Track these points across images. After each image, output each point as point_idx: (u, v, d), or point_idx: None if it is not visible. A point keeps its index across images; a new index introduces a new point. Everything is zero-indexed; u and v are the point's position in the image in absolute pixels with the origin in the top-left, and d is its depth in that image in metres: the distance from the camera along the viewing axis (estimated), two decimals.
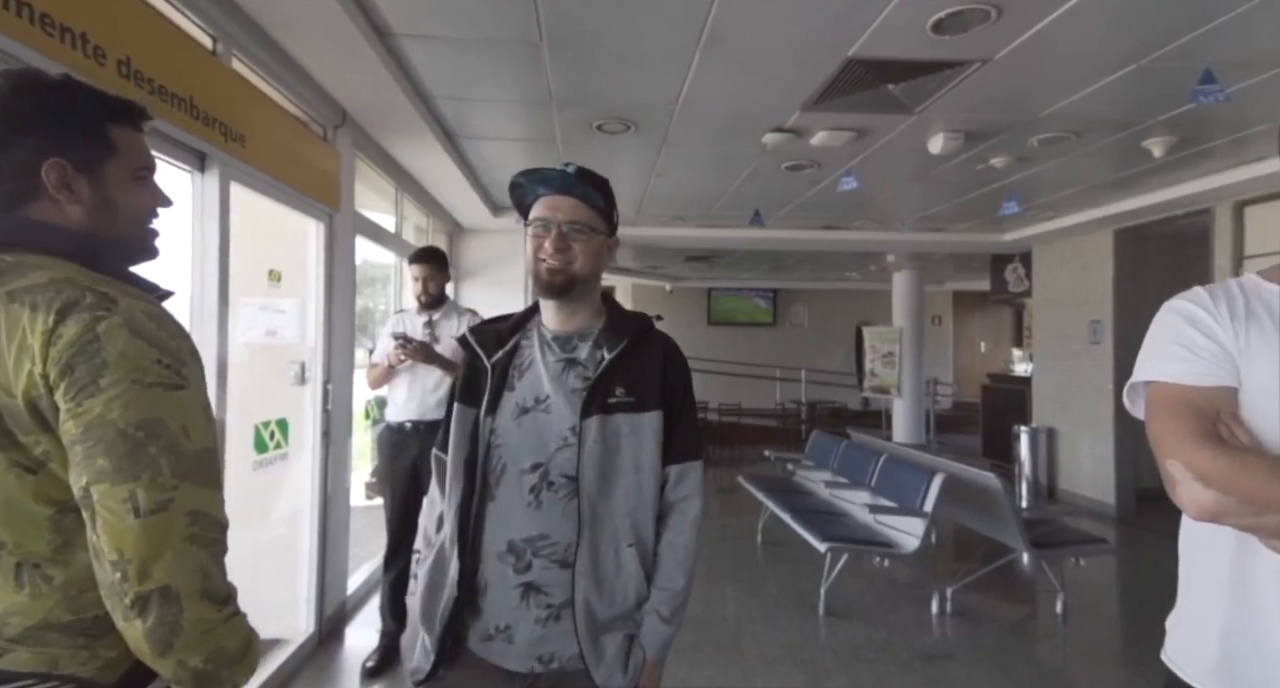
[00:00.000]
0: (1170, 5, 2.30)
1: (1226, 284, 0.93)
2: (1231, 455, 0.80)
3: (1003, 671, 2.83)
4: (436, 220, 5.31)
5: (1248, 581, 0.84)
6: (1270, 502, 0.77)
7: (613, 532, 1.09)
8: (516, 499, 1.08)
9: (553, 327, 1.17)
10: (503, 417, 1.10)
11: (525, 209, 1.16)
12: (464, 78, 3.00)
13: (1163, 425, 0.87)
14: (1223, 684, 0.87)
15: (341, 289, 3.16)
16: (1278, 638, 0.81)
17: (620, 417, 1.09)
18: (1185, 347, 0.89)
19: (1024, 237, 6.37)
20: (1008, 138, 3.71)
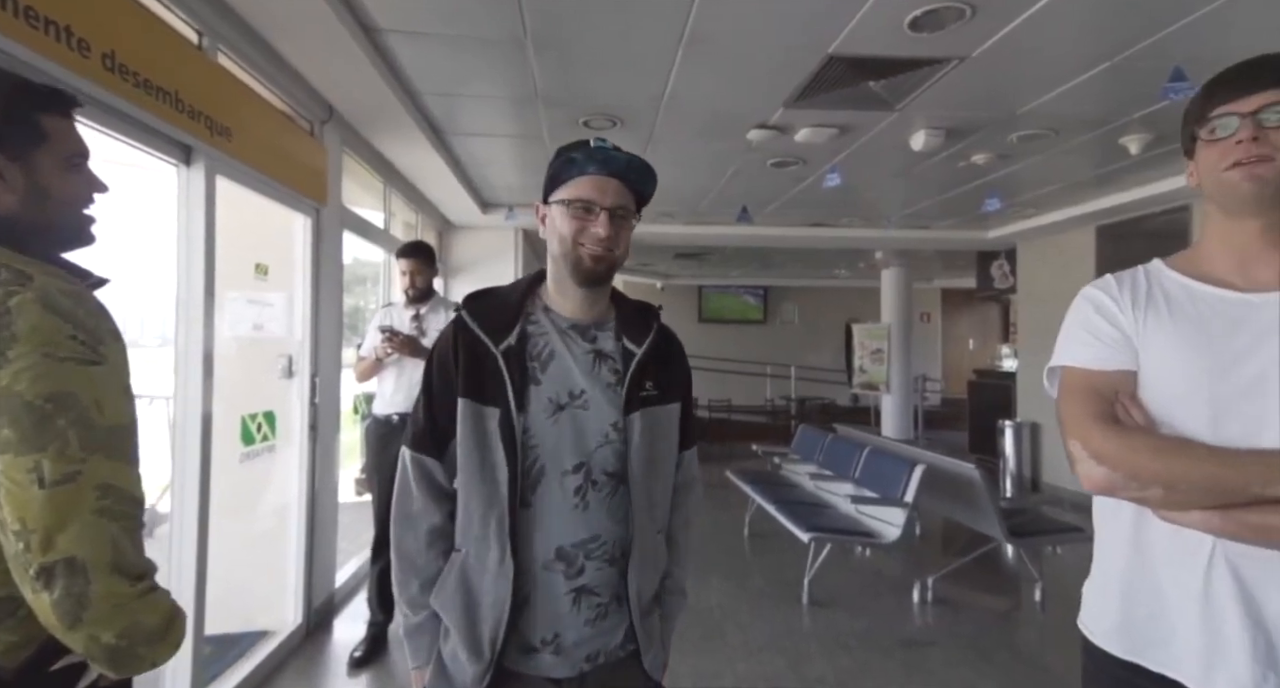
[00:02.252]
0: (1140, 4, 2.36)
1: (1134, 271, 0.98)
2: (1121, 435, 0.87)
3: (981, 656, 2.89)
4: (425, 216, 5.32)
5: (1143, 547, 0.90)
6: (1151, 477, 0.83)
7: (652, 522, 1.08)
8: (560, 503, 1.01)
9: (571, 314, 1.08)
10: (535, 415, 1.01)
11: (557, 184, 1.06)
12: (451, 74, 3.02)
13: (1067, 408, 0.93)
14: (1123, 643, 0.92)
15: (329, 283, 3.18)
16: (1169, 599, 0.87)
17: (655, 410, 1.07)
18: (1091, 333, 0.95)
19: (1008, 233, 6.45)
20: (987, 135, 3.77)
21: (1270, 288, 0.87)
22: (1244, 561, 0.82)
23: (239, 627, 2.70)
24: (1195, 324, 0.89)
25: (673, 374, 1.12)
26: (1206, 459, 0.81)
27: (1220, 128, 0.87)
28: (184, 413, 2.14)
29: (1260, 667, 0.81)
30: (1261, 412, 0.82)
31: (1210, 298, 0.90)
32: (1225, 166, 0.86)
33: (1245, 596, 0.82)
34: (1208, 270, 0.93)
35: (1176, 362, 0.89)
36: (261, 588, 2.89)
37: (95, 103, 1.71)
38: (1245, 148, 0.84)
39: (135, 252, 2.44)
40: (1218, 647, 0.83)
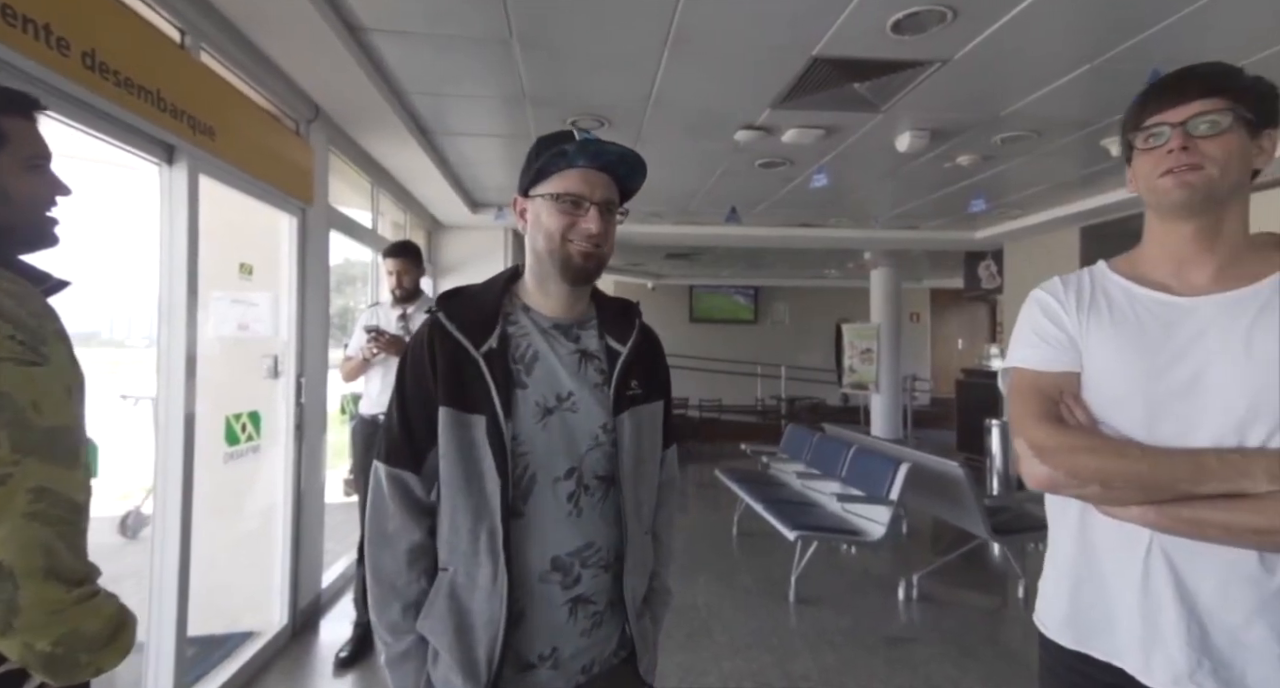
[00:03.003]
0: (1119, 8, 2.40)
1: (1080, 273, 1.02)
2: (1062, 435, 0.90)
3: (964, 652, 2.92)
4: (414, 216, 5.31)
5: (1089, 541, 0.94)
6: (1089, 475, 0.87)
7: (640, 524, 1.06)
8: (554, 511, 0.97)
9: (553, 313, 1.04)
10: (523, 420, 0.96)
11: (543, 176, 1.01)
12: (438, 74, 3.02)
13: (1015, 408, 0.97)
14: (1072, 633, 0.96)
15: (315, 283, 3.17)
16: (1112, 590, 0.91)
17: (641, 410, 1.05)
18: (1038, 334, 0.99)
19: (995, 234, 6.51)
20: (972, 136, 3.81)
21: (1204, 291, 0.91)
22: (1179, 553, 0.86)
23: (224, 628, 2.69)
24: (1134, 327, 0.93)
25: (655, 372, 1.11)
26: (1140, 458, 0.85)
27: (1153, 137, 0.90)
28: (166, 414, 2.14)
29: (1194, 653, 0.85)
30: (1194, 412, 0.86)
31: (1148, 301, 0.93)
32: (1158, 174, 0.89)
33: (1180, 585, 0.86)
34: (1147, 273, 0.96)
35: (1115, 363, 0.92)
36: (247, 589, 2.88)
37: (75, 102, 1.70)
38: (1176, 157, 0.87)
39: (121, 251, 2.44)
40: (1155, 634, 0.87)
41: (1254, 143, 0.89)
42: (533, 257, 1.05)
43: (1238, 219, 0.91)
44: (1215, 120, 0.87)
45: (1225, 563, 0.84)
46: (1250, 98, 0.88)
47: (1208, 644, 0.85)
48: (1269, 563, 0.83)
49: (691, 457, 8.19)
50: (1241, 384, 0.84)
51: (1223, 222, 0.90)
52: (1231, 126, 0.87)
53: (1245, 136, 0.88)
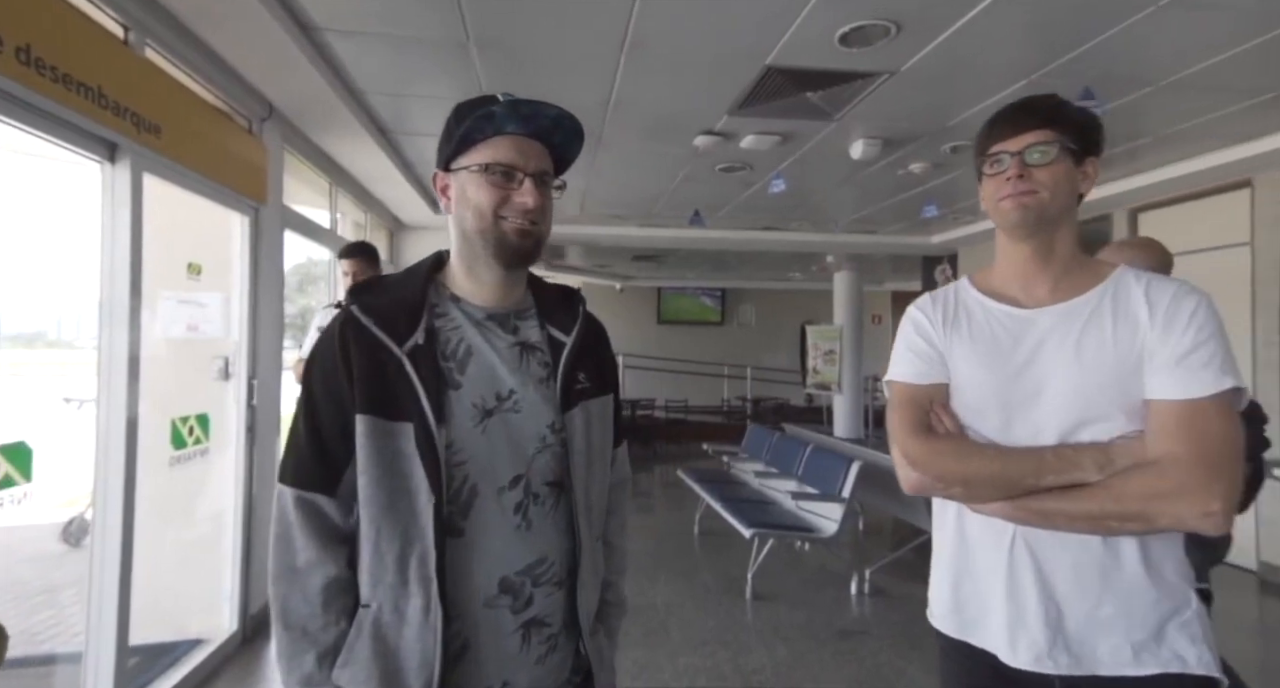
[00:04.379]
0: (1052, 26, 2.52)
1: (946, 290, 1.10)
2: (928, 442, 0.99)
3: (909, 643, 3.03)
4: (375, 217, 5.26)
5: (964, 536, 1.02)
6: (953, 477, 0.96)
7: (591, 531, 0.95)
8: (500, 525, 0.86)
9: (487, 302, 0.93)
10: (458, 425, 0.84)
11: (467, 145, 0.89)
12: (396, 74, 3.01)
13: (891, 419, 1.04)
14: (954, 623, 1.03)
15: (268, 284, 3.13)
16: (983, 581, 0.99)
17: (591, 405, 0.95)
18: (911, 350, 1.07)
19: (950, 239, 6.72)
20: (922, 145, 3.94)
21: (1044, 303, 0.99)
22: (1038, 544, 0.94)
23: (170, 635, 2.63)
24: (988, 339, 1.01)
25: (603, 363, 1.01)
26: (994, 459, 0.94)
27: (996, 163, 0.98)
28: (108, 417, 2.09)
29: (1052, 632, 0.93)
30: (1040, 414, 0.94)
31: (1000, 314, 1.02)
32: (999, 198, 0.98)
33: (1039, 573, 0.94)
34: (999, 288, 1.04)
35: (974, 373, 1.00)
36: (195, 595, 2.82)
37: (9, 98, 1.66)
38: (1014, 183, 0.95)
39: (68, 248, 2.37)
40: (1020, 619, 0.94)
41: (1079, 170, 0.97)
42: (460, 239, 0.92)
43: (1068, 237, 1.00)
44: (1045, 150, 0.95)
45: (1077, 550, 0.92)
46: (1075, 130, 0.97)
47: (1063, 624, 0.93)
48: (1113, 549, 0.91)
49: (657, 457, 8.25)
50: (1075, 386, 0.93)
51: (1055, 240, 0.99)
52: (1059, 156, 0.95)
53: (1071, 165, 0.96)
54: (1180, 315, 0.92)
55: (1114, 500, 0.87)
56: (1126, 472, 0.88)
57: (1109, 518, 0.88)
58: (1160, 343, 0.91)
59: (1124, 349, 0.93)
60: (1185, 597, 0.93)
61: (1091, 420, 0.92)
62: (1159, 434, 0.88)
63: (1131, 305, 0.95)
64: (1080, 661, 0.92)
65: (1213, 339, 0.91)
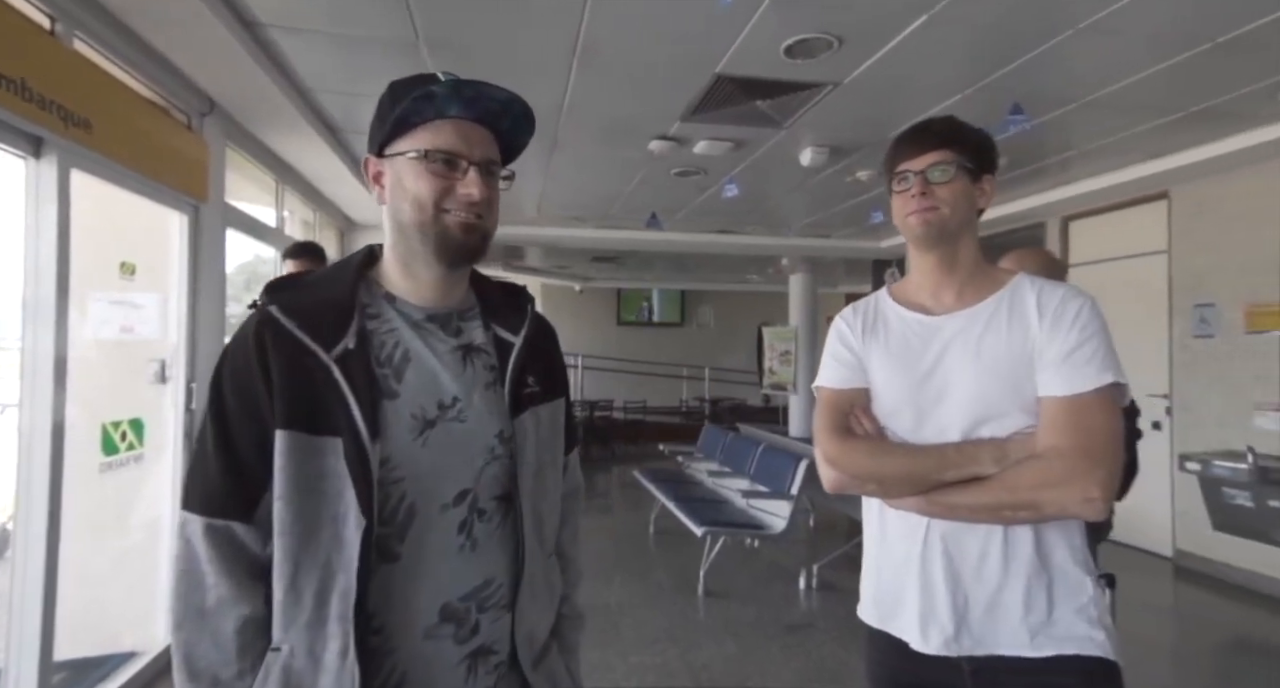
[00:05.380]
0: (985, 43, 2.65)
1: (868, 300, 1.17)
2: (845, 443, 1.06)
3: (854, 635, 3.13)
4: (325, 215, 5.14)
5: (886, 531, 1.08)
6: (867, 475, 1.03)
7: (542, 546, 0.88)
8: (442, 547, 0.78)
9: (426, 302, 0.85)
10: (395, 438, 0.76)
11: (404, 128, 0.80)
12: (345, 73, 2.97)
13: (815, 422, 1.11)
14: (877, 614, 1.09)
15: (209, 284, 3.04)
16: (901, 572, 1.05)
17: (541, 410, 0.89)
18: (834, 357, 1.14)
19: (898, 243, 6.95)
20: (867, 154, 4.08)
21: (951, 310, 1.06)
22: (950, 535, 1.01)
23: (101, 649, 2.53)
24: (901, 345, 1.08)
25: (553, 365, 0.95)
26: (903, 456, 1.02)
27: (902, 180, 1.05)
28: (31, 422, 2.01)
29: (958, 618, 0.99)
30: (946, 414, 1.01)
31: (912, 322, 1.09)
32: (905, 214, 1.05)
33: (949, 563, 1.00)
34: (912, 297, 1.12)
35: (889, 378, 1.07)
36: (128, 607, 2.72)
37: None
38: (917, 200, 1.02)
39: None
40: (931, 607, 1.01)
41: (976, 187, 1.05)
42: (396, 232, 0.83)
43: (970, 248, 1.07)
44: (945, 169, 1.02)
45: (983, 540, 0.98)
46: (972, 150, 1.03)
47: (969, 610, 0.99)
48: (1013, 538, 0.97)
49: (615, 458, 8.29)
50: (975, 387, 1.00)
51: (958, 251, 1.06)
52: (957, 174, 1.02)
53: (969, 182, 1.03)
54: (1066, 316, 0.98)
55: (1007, 491, 0.94)
56: (1019, 464, 0.94)
57: (1004, 507, 0.95)
58: (1048, 342, 0.98)
59: (1017, 350, 0.99)
60: (1081, 583, 0.98)
61: (991, 418, 0.99)
62: (1047, 428, 0.95)
63: (1025, 309, 1.01)
64: (982, 642, 0.98)
65: (1095, 338, 0.97)
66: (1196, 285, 4.18)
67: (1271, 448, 3.65)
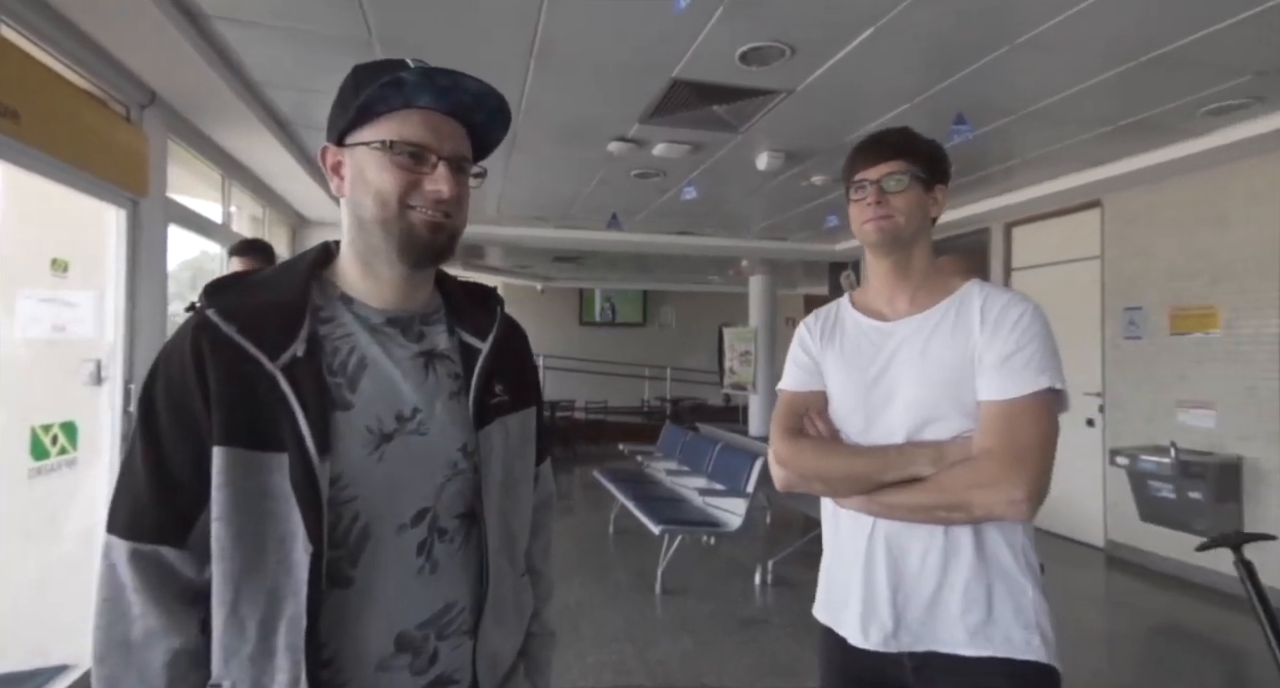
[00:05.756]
0: (931, 54, 2.75)
1: (830, 306, 1.22)
2: (794, 444, 1.10)
3: (806, 629, 3.21)
4: (276, 212, 5.00)
5: (838, 530, 1.12)
6: (813, 475, 1.08)
7: (512, 566, 0.83)
8: (398, 570, 0.73)
9: (386, 304, 0.79)
10: (348, 453, 0.71)
11: (368, 116, 0.75)
12: (295, 68, 2.90)
13: (772, 423, 1.15)
14: (826, 611, 1.13)
15: (149, 281, 2.93)
16: (849, 570, 1.08)
17: (509, 420, 0.83)
18: (793, 360, 1.19)
19: (853, 247, 7.13)
20: (823, 159, 4.18)
21: (903, 315, 1.10)
22: (894, 534, 1.04)
23: (31, 662, 2.42)
24: (855, 350, 1.12)
25: (524, 372, 0.89)
26: (846, 457, 1.06)
27: (858, 189, 1.09)
28: None
29: (896, 614, 1.02)
30: (893, 417, 1.05)
31: (867, 327, 1.13)
32: (861, 222, 1.09)
33: (892, 561, 1.03)
34: (869, 303, 1.16)
35: (842, 382, 1.12)
36: (60, 617, 2.60)
37: None
38: (873, 209, 1.06)
39: None
40: (873, 604, 1.04)
41: (929, 196, 1.09)
42: (355, 228, 0.78)
43: (924, 255, 1.11)
44: (899, 178, 1.05)
45: (925, 539, 1.01)
46: (924, 160, 1.08)
47: (909, 608, 1.01)
48: (953, 538, 1.00)
49: (577, 458, 8.27)
50: (919, 390, 1.03)
51: (912, 257, 1.10)
52: (910, 184, 1.06)
53: (922, 191, 1.08)
54: (1006, 322, 1.01)
55: (941, 492, 0.97)
56: (953, 466, 0.97)
57: (938, 508, 0.97)
58: (987, 347, 1.01)
59: (959, 355, 1.03)
60: (1021, 586, 1.00)
61: (933, 421, 1.02)
62: (981, 431, 0.99)
63: (969, 315, 1.05)
64: (921, 639, 1.01)
65: (1033, 343, 0.99)
66: (1127, 289, 4.41)
67: (1193, 443, 3.89)
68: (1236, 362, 3.77)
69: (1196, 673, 2.96)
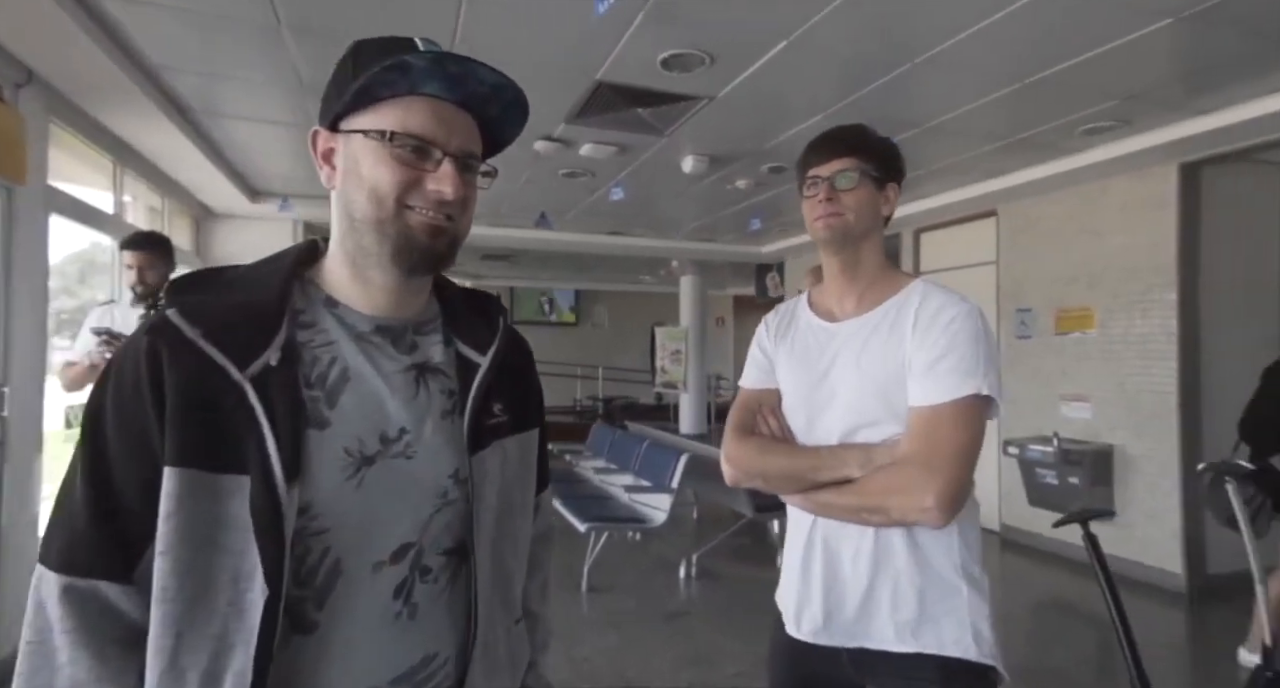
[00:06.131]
0: (837, 70, 2.90)
1: (789, 304, 1.24)
2: (741, 441, 1.13)
3: (730, 620, 3.32)
4: (176, 202, 4.68)
5: (794, 525, 1.15)
6: (755, 472, 1.10)
7: (506, 611, 0.74)
8: (371, 615, 0.64)
9: (374, 309, 0.70)
10: (321, 478, 0.62)
11: (367, 99, 0.66)
12: (197, 52, 2.74)
13: (727, 420, 1.18)
14: (782, 602, 1.17)
15: (27, 275, 2.69)
16: (792, 562, 1.13)
17: (508, 443, 0.74)
18: (751, 359, 1.22)
19: (778, 249, 7.39)
20: (745, 164, 4.32)
21: (849, 316, 1.11)
22: (831, 532, 1.07)
23: None
24: (803, 350, 1.14)
25: (527, 390, 0.81)
26: (785, 456, 1.09)
27: (811, 186, 1.09)
28: None
29: (828, 609, 1.06)
30: (832, 417, 1.07)
31: (815, 327, 1.15)
32: (813, 218, 1.10)
33: (828, 557, 1.07)
34: (822, 302, 1.17)
35: (791, 380, 1.15)
36: None
37: None
38: (824, 206, 1.07)
39: None
40: (808, 597, 1.08)
41: (881, 194, 1.08)
42: (345, 226, 0.69)
43: (873, 255, 1.11)
44: (850, 176, 1.05)
45: (857, 538, 1.04)
46: (876, 158, 1.07)
47: (841, 603, 1.05)
48: (885, 538, 1.02)
49: None
50: (855, 393, 1.05)
51: (860, 255, 1.10)
52: (861, 181, 1.06)
53: (874, 189, 1.07)
54: (937, 326, 1.01)
55: (862, 495, 0.99)
56: (877, 470, 0.99)
57: (861, 510, 1.00)
58: (916, 351, 1.01)
59: (891, 359, 1.03)
60: (954, 586, 1.01)
61: (867, 424, 1.03)
62: (905, 436, 1.00)
63: (905, 318, 1.04)
64: (853, 635, 1.04)
65: (961, 348, 0.98)
66: (1018, 293, 4.80)
67: (1074, 433, 4.28)
68: (1109, 359, 4.17)
69: (1075, 638, 3.27)
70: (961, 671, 1.00)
